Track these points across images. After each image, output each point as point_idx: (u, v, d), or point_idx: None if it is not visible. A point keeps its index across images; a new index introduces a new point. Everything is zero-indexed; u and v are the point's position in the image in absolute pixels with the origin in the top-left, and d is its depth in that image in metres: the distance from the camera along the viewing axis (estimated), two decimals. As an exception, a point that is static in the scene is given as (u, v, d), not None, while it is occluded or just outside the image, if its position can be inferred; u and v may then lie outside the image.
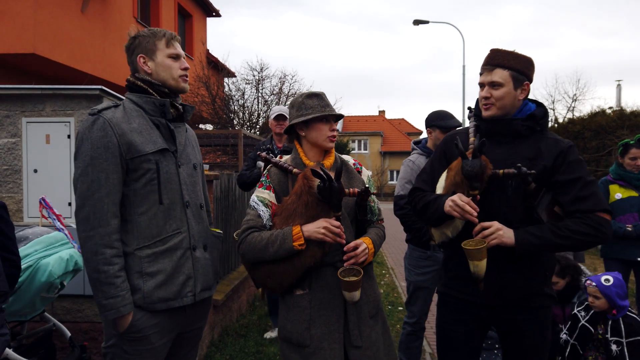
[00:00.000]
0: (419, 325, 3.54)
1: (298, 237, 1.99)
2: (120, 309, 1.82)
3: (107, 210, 1.83)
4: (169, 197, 1.95)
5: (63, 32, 8.96)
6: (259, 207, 2.13)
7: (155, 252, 1.91)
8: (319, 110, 2.17)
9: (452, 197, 2.06)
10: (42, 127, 3.62)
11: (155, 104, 1.96)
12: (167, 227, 1.94)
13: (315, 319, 2.08)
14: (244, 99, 13.63)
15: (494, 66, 2.12)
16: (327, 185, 1.95)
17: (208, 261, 2.10)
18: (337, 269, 2.11)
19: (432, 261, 3.47)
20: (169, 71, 1.99)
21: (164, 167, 1.94)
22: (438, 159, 2.33)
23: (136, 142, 1.88)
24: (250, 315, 5.20)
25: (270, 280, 2.10)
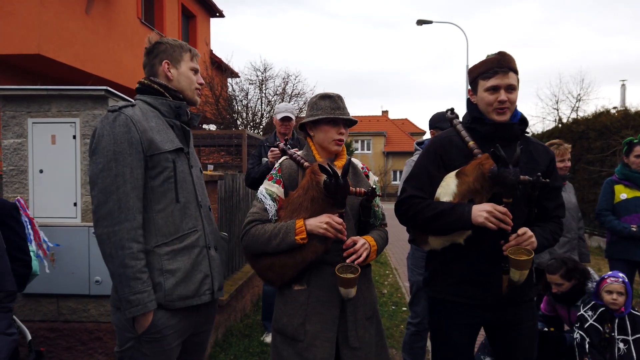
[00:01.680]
0: (423, 326, 3.54)
1: (301, 231, 2.02)
2: (147, 304, 1.82)
3: (132, 205, 1.83)
4: (184, 196, 1.98)
5: (68, 33, 9.00)
6: (266, 201, 2.15)
7: (174, 250, 1.92)
8: (328, 112, 2.19)
9: (485, 207, 1.99)
10: (48, 128, 3.63)
11: (170, 106, 2.02)
12: (184, 225, 1.96)
13: (311, 315, 2.10)
14: (247, 99, 13.66)
15: (508, 69, 2.10)
16: (333, 181, 1.97)
17: (219, 262, 2.13)
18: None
19: (436, 261, 3.48)
20: (189, 82, 2.07)
21: (179, 166, 1.97)
22: (433, 163, 2.20)
23: (156, 140, 1.92)
24: (254, 315, 5.21)
25: (271, 273, 2.12)
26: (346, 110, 2.23)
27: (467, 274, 2.17)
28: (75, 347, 3.44)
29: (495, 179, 1.97)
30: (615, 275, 3.28)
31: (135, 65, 11.24)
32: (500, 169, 1.95)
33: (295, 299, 2.13)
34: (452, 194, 2.10)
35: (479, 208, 2.00)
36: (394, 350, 4.38)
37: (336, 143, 2.21)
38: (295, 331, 2.09)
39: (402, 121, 46.84)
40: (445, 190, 2.13)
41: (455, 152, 2.18)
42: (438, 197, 2.15)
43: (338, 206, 2.05)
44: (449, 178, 2.15)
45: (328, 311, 2.11)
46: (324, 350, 2.07)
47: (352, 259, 2.06)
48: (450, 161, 2.17)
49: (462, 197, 2.09)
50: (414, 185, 2.22)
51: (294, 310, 2.12)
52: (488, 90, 2.12)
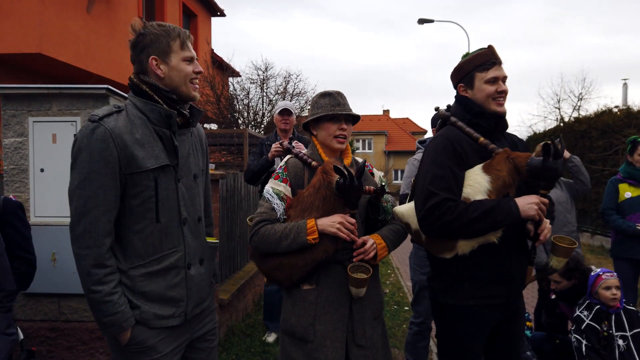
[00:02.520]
0: (425, 325, 3.52)
1: (312, 231, 1.99)
2: (123, 324, 1.76)
3: (102, 230, 1.73)
4: (166, 215, 1.84)
5: (69, 32, 8.98)
6: (273, 200, 2.12)
7: (150, 272, 1.82)
8: (327, 109, 2.18)
9: (533, 199, 2.00)
10: (49, 127, 3.61)
11: (161, 113, 1.81)
12: (164, 246, 1.85)
13: (321, 315, 2.08)
14: (248, 98, 13.62)
15: (500, 61, 2.17)
16: (348, 183, 1.95)
17: (203, 275, 2.00)
18: (345, 268, 2.11)
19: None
20: (182, 76, 1.84)
21: (162, 184, 1.82)
22: (456, 162, 2.10)
23: (137, 157, 1.76)
24: (255, 315, 5.19)
25: (279, 273, 2.10)
26: (347, 106, 2.21)
27: (495, 274, 2.13)
28: (77, 347, 3.43)
29: (540, 172, 1.98)
30: (608, 270, 3.27)
31: (136, 65, 11.17)
32: (550, 162, 1.96)
33: (304, 299, 2.11)
34: (485, 191, 2.04)
35: (527, 201, 2.00)
36: (397, 350, 4.36)
37: (337, 140, 2.19)
38: (305, 331, 2.07)
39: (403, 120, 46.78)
40: (477, 189, 2.05)
41: (468, 148, 2.15)
42: (467, 197, 2.06)
43: (350, 206, 2.03)
44: (475, 175, 2.08)
45: (337, 310, 2.09)
46: (334, 350, 2.05)
47: (360, 258, 2.04)
48: (467, 157, 2.13)
49: (497, 193, 2.06)
50: (443, 188, 2.05)
51: (303, 310, 2.10)
52: (488, 82, 2.14)
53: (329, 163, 2.07)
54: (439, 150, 2.12)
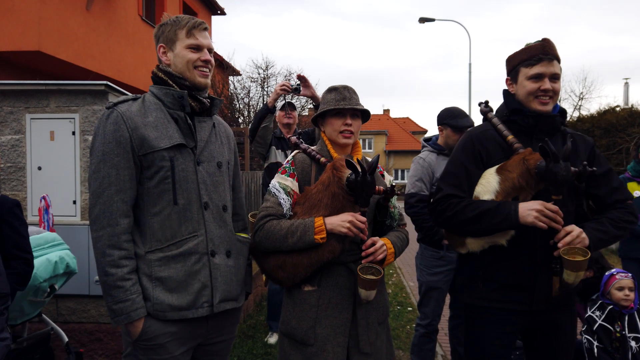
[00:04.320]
0: (432, 327, 3.45)
1: (320, 230, 1.91)
2: (131, 314, 1.70)
3: (116, 209, 1.73)
4: (184, 197, 1.81)
5: (68, 29, 8.91)
6: (280, 195, 2.04)
7: (168, 256, 1.78)
8: (332, 104, 2.11)
9: (535, 205, 1.88)
10: (47, 124, 3.55)
11: (174, 96, 1.83)
12: (182, 229, 1.80)
13: (322, 318, 2.00)
14: (249, 97, 13.58)
15: (553, 57, 2.00)
16: (360, 178, 1.87)
17: (231, 269, 1.92)
18: (349, 269, 2.04)
19: (444, 261, 3.39)
20: (185, 63, 1.84)
21: (179, 165, 1.80)
22: (471, 159, 2.07)
23: (149, 137, 1.76)
24: (257, 316, 5.12)
25: (282, 272, 2.01)
26: (353, 100, 2.13)
27: (510, 278, 2.04)
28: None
29: (544, 175, 1.86)
30: (623, 270, 3.20)
31: (136, 63, 11.14)
32: (550, 165, 1.84)
33: (305, 301, 2.03)
34: (494, 191, 1.98)
35: (528, 206, 1.89)
36: (401, 351, 4.28)
37: (343, 135, 2.11)
38: (305, 335, 1.99)
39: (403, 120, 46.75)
40: (486, 188, 2.00)
41: (493, 147, 2.07)
42: (477, 196, 2.02)
43: (361, 204, 1.95)
44: (489, 175, 2.03)
45: (339, 314, 2.01)
46: (335, 355, 1.97)
47: (370, 259, 1.96)
48: (489, 157, 2.05)
49: (505, 195, 1.98)
50: (450, 183, 2.08)
51: (304, 312, 2.02)
52: (531, 79, 2.02)
53: (339, 159, 1.99)
54: (459, 147, 2.15)
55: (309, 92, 3.95)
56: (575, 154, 2.07)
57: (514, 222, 1.89)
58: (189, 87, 1.87)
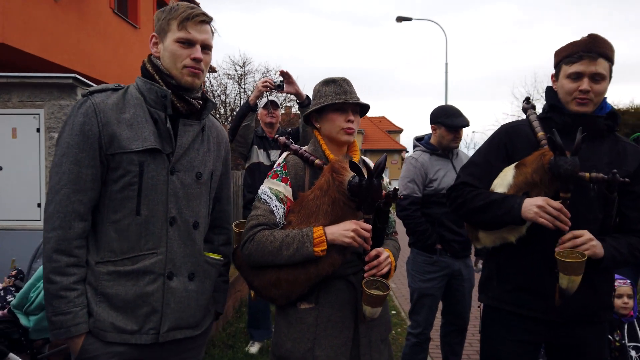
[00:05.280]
0: (424, 336, 3.30)
1: (320, 241, 1.70)
2: (71, 328, 1.53)
3: (71, 210, 1.55)
4: (148, 208, 1.61)
5: (35, 21, 8.48)
6: (271, 202, 1.82)
7: (119, 272, 1.59)
8: (332, 97, 1.90)
9: (537, 201, 1.79)
10: (8, 120, 3.26)
11: (157, 94, 1.63)
12: (141, 244, 1.61)
13: (321, 339, 1.80)
14: (225, 94, 13.29)
15: (598, 55, 1.85)
16: (366, 182, 1.68)
17: (192, 294, 1.71)
18: (349, 282, 1.85)
19: (438, 267, 3.25)
20: (172, 59, 1.65)
21: (149, 172, 1.61)
22: (496, 152, 2.03)
23: (121, 136, 1.58)
24: (237, 323, 4.88)
25: (276, 290, 1.80)
26: (354, 94, 1.95)
27: (522, 280, 1.94)
28: None
29: (552, 170, 1.77)
30: (621, 277, 3.09)
31: (108, 58, 10.72)
32: (556, 158, 1.75)
33: (301, 320, 1.82)
34: (507, 185, 1.91)
35: (531, 202, 1.80)
36: None
37: (345, 132, 1.92)
38: (303, 358, 1.79)
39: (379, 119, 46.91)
40: (501, 181, 1.94)
41: (521, 142, 1.99)
42: (493, 188, 1.97)
43: (366, 211, 1.75)
44: (508, 169, 1.96)
45: (340, 333, 1.82)
46: None
47: (374, 272, 1.77)
48: (515, 152, 1.98)
49: (517, 190, 1.89)
50: (469, 173, 2.07)
51: (301, 333, 1.81)
52: (570, 77, 1.90)
53: (338, 161, 1.80)
54: (488, 139, 2.12)
55: (293, 89, 3.75)
56: (620, 163, 1.92)
57: (516, 216, 1.81)
58: (176, 86, 1.66)
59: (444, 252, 3.24)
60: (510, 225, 1.89)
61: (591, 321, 1.95)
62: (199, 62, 1.66)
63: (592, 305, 1.92)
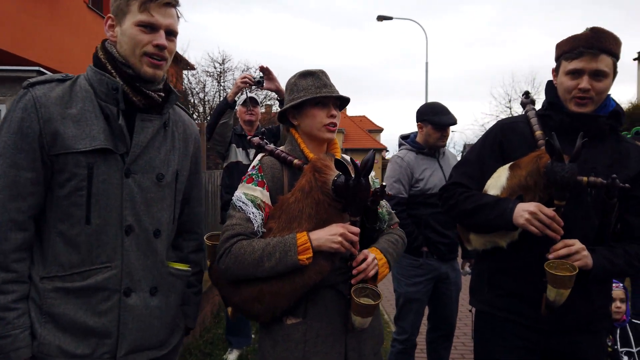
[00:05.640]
0: (411, 342, 3.18)
1: (305, 248, 1.56)
2: (10, 354, 1.35)
3: (7, 220, 1.37)
4: (100, 216, 1.43)
5: (2, 14, 8.15)
6: (247, 209, 1.65)
7: (68, 288, 1.41)
8: (313, 91, 1.75)
9: (530, 207, 1.67)
10: (-34, 116, 3.02)
11: (108, 86, 1.45)
12: (93, 256, 1.43)
13: (311, 356, 1.65)
14: (204, 92, 13.03)
15: (600, 50, 1.72)
16: (353, 181, 1.53)
17: (154, 310, 1.54)
18: (339, 292, 1.70)
19: (424, 270, 3.12)
20: (131, 45, 1.45)
21: (100, 174, 1.43)
22: (490, 150, 1.93)
23: (65, 134, 1.40)
24: (215, 329, 4.70)
25: (259, 305, 1.64)
26: (334, 87, 1.81)
27: (514, 287, 1.85)
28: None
29: (548, 176, 1.67)
30: (614, 281, 3.01)
31: (83, 54, 10.37)
32: (553, 163, 1.63)
33: (288, 337, 1.66)
34: (500, 187, 1.82)
35: (523, 207, 1.70)
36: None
37: (328, 128, 1.76)
38: None
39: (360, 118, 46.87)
40: (495, 183, 1.85)
41: (517, 140, 1.88)
42: (486, 189, 1.88)
43: (353, 212, 1.61)
44: (502, 169, 1.86)
45: (331, 348, 1.67)
46: None
47: (360, 277, 1.63)
48: (511, 150, 1.87)
49: (510, 193, 1.79)
50: (463, 172, 1.98)
51: (288, 351, 1.65)
52: (569, 74, 1.78)
53: (319, 159, 1.65)
54: (485, 135, 2.02)
55: (274, 86, 3.58)
56: (622, 166, 1.80)
57: (507, 221, 1.72)
58: (132, 76, 1.48)
59: (431, 254, 3.13)
60: (502, 229, 1.78)
61: (586, 330, 1.84)
62: (162, 50, 1.48)
63: (586, 315, 1.81)
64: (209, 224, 5.32)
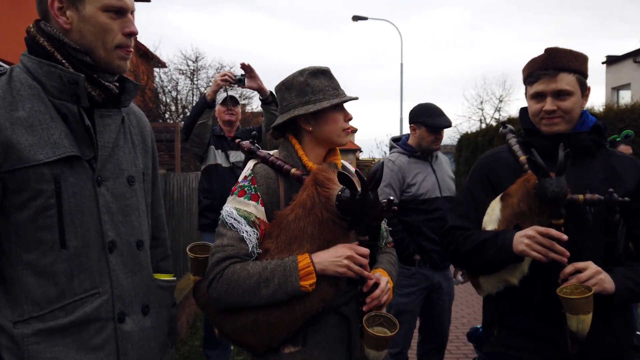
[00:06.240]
0: (402, 356, 3.04)
1: (307, 273, 1.37)
2: None
3: None
4: (78, 237, 1.23)
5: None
6: (240, 227, 1.45)
7: (51, 328, 1.19)
8: (332, 94, 1.56)
9: (527, 231, 1.57)
10: None
11: (62, 79, 1.21)
12: (75, 285, 1.22)
13: None
14: (177, 90, 12.65)
15: (557, 70, 1.70)
16: (361, 197, 1.35)
17: (149, 332, 1.37)
18: (341, 316, 1.51)
19: (416, 279, 2.99)
20: (100, 34, 1.24)
21: (70, 187, 1.22)
22: (479, 186, 1.87)
23: (20, 144, 1.17)
24: (191, 341, 4.45)
25: (253, 336, 1.44)
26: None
27: (528, 325, 1.71)
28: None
29: (538, 195, 1.59)
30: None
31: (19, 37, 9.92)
32: (540, 181, 1.57)
33: None
34: (496, 220, 1.73)
35: (520, 234, 1.61)
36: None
37: (346, 133, 1.62)
38: None
39: (334, 118, 47.01)
40: (490, 217, 1.76)
41: (503, 171, 1.83)
42: (484, 227, 1.79)
43: (361, 231, 1.44)
44: (494, 202, 1.79)
45: None
46: None
47: (374, 304, 1.45)
48: (500, 181, 1.81)
49: (507, 224, 1.70)
50: (457, 214, 1.90)
51: None
52: (533, 98, 1.77)
53: (321, 171, 1.45)
54: (471, 173, 1.96)
55: (255, 84, 3.38)
56: (617, 180, 1.71)
57: (509, 253, 1.62)
58: (91, 66, 1.25)
59: (423, 263, 2.99)
60: (509, 264, 1.66)
61: None
62: (131, 38, 1.28)
63: (612, 348, 1.67)
64: (184, 230, 5.05)
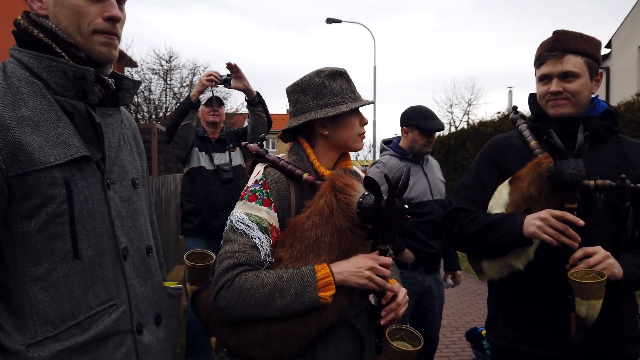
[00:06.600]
0: (393, 361, 2.99)
1: (327, 284, 1.30)
2: None
3: None
4: (91, 245, 1.14)
5: None
6: (252, 233, 1.37)
7: (70, 348, 1.09)
8: (350, 97, 1.50)
9: (540, 214, 1.55)
10: None
11: (66, 73, 1.11)
12: (90, 298, 1.13)
13: None
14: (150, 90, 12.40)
15: (564, 52, 1.70)
16: (387, 204, 1.29)
17: (163, 343, 1.29)
18: (352, 328, 1.45)
19: (408, 284, 2.95)
20: (75, 20, 1.13)
21: (80, 191, 1.13)
22: (487, 170, 1.86)
23: (31, 145, 1.07)
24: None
25: (262, 351, 1.36)
26: None
27: (533, 314, 1.70)
28: None
29: (551, 177, 1.57)
30: None
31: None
32: (557, 163, 1.54)
33: None
34: (504, 204, 1.72)
35: (533, 216, 1.59)
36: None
37: (362, 138, 1.57)
38: None
39: (307, 120, 47.04)
40: (497, 201, 1.75)
41: (512, 155, 1.82)
42: (490, 210, 1.78)
43: (383, 240, 1.37)
44: (502, 186, 1.77)
45: None
46: None
47: (391, 317, 1.39)
48: (508, 166, 1.80)
49: (515, 207, 1.69)
50: (462, 196, 1.89)
51: None
52: (540, 81, 1.77)
53: (338, 176, 1.39)
54: (478, 157, 1.96)
55: (242, 85, 3.30)
56: (629, 167, 1.70)
57: (518, 236, 1.59)
58: (86, 60, 1.16)
59: (415, 266, 2.97)
60: (515, 248, 1.64)
61: (618, 356, 1.69)
62: (115, 23, 1.16)
63: (617, 338, 1.67)
64: (162, 234, 4.92)
